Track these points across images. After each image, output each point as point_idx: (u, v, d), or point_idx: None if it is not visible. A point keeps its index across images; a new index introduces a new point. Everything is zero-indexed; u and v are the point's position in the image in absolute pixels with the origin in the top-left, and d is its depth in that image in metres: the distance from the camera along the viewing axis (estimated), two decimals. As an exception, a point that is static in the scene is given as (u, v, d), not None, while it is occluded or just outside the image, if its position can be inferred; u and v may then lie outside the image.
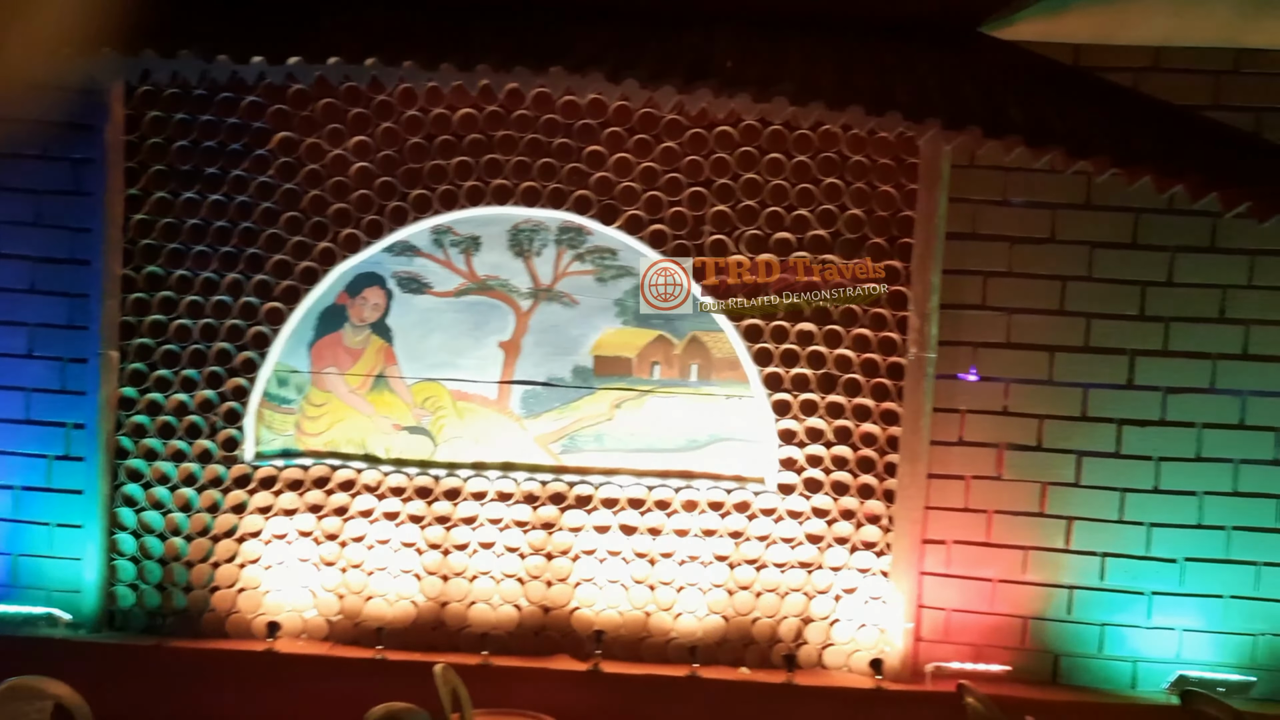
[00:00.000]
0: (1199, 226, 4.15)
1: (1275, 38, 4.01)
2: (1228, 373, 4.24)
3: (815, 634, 4.28)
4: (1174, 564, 4.26)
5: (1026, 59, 3.78)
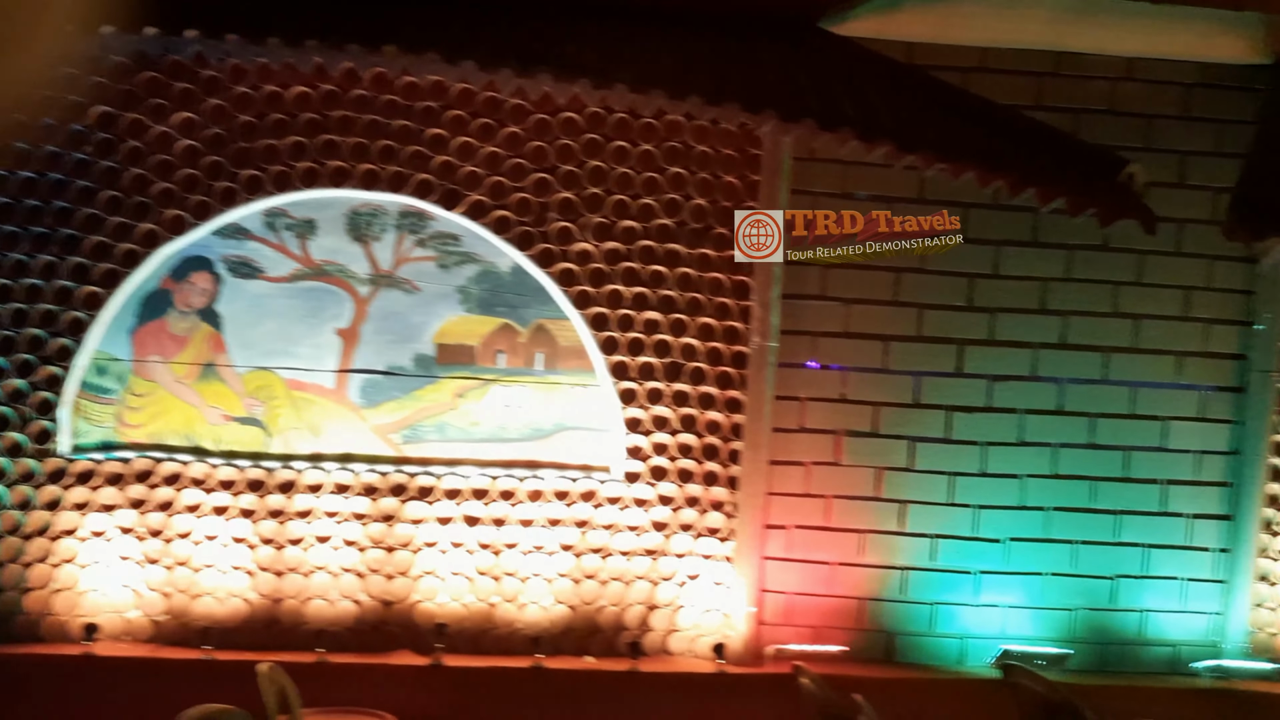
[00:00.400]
0: (1022, 222, 4.35)
1: (1091, 42, 4.23)
2: (1047, 361, 4.46)
3: (660, 621, 4.31)
4: (999, 544, 4.46)
5: (862, 55, 3.88)
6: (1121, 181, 3.32)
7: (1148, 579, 4.50)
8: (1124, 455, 4.51)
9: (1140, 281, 4.47)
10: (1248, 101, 4.33)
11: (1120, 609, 4.50)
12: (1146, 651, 4.51)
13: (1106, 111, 4.38)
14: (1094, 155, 3.51)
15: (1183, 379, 4.52)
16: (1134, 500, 4.50)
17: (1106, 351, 4.49)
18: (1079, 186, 3.32)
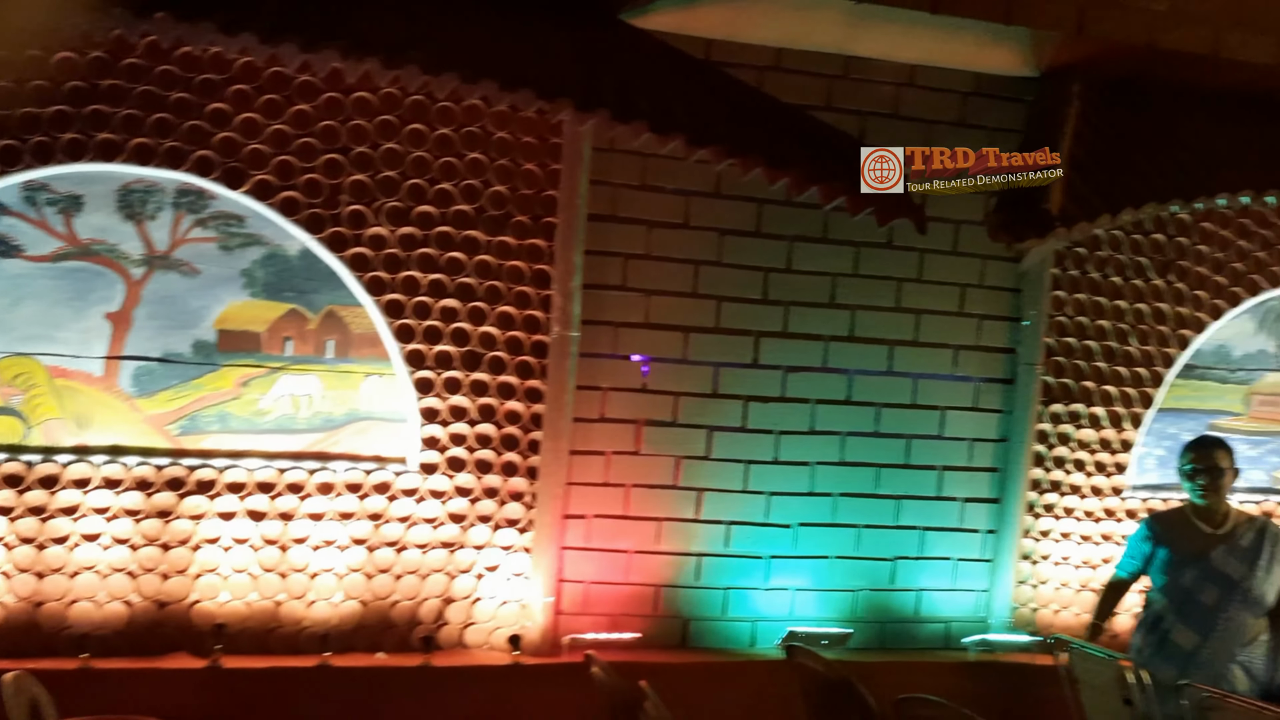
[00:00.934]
0: (813, 218, 4.49)
1: (878, 48, 4.42)
2: (837, 353, 4.64)
3: (457, 614, 4.25)
4: (789, 529, 4.62)
5: (659, 49, 3.91)
6: (897, 183, 3.48)
7: (924, 560, 4.76)
8: (906, 443, 4.75)
9: (921, 279, 4.71)
10: (1018, 111, 4.62)
11: (899, 589, 4.75)
12: (922, 628, 4.78)
13: (891, 115, 4.58)
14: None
15: (959, 371, 4.79)
16: (913, 485, 4.75)
17: (891, 344, 4.71)
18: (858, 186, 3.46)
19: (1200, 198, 4.05)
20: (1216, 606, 3.91)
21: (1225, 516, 4.03)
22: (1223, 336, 5.06)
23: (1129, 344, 4.94)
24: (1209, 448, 4.07)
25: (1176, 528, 4.08)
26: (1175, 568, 4.00)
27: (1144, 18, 4.12)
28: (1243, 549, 3.95)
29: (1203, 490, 4.00)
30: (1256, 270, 5.05)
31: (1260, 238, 5.04)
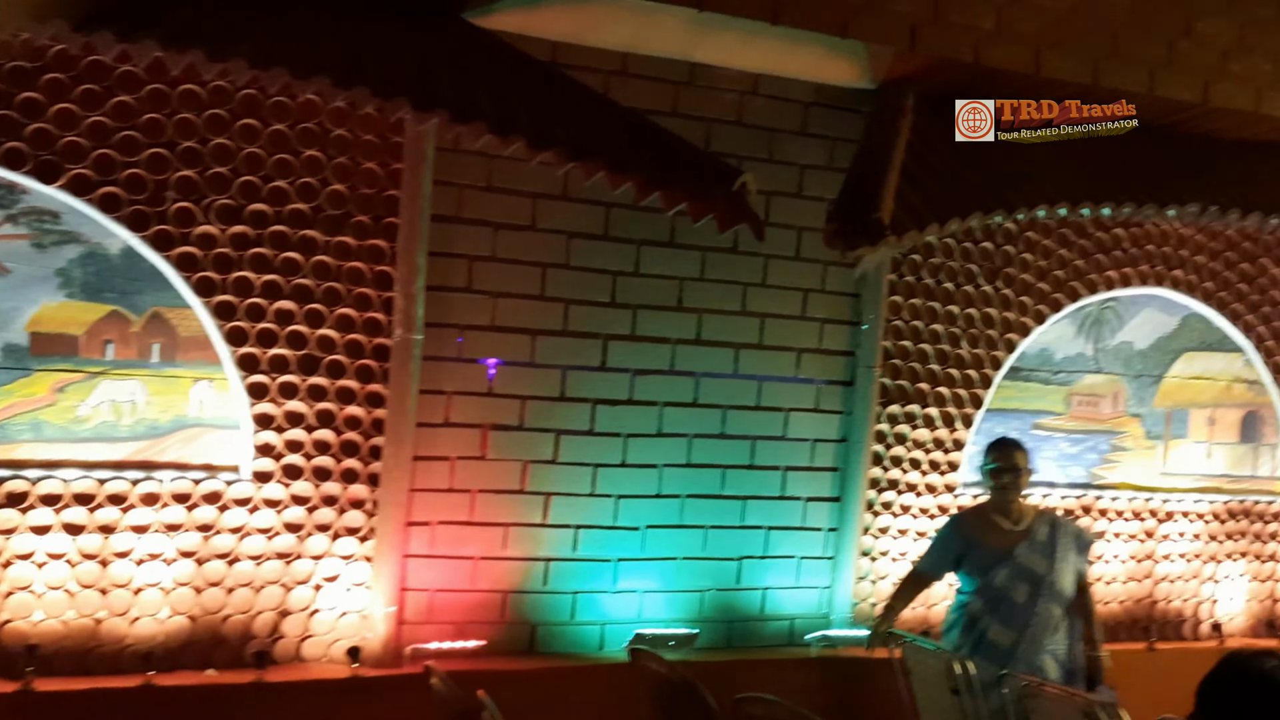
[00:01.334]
0: (661, 223, 4.52)
1: (722, 56, 4.48)
2: (684, 356, 4.69)
3: (293, 627, 4.11)
4: (637, 531, 4.64)
5: (503, 49, 3.87)
6: (736, 190, 3.54)
7: (768, 559, 4.86)
8: (751, 444, 4.83)
9: (765, 283, 4.80)
10: (858, 122, 4.76)
11: (744, 588, 4.83)
12: (767, 626, 4.88)
13: (735, 123, 4.66)
14: (713, 164, 3.71)
15: (801, 373, 4.91)
16: (758, 486, 4.84)
17: (737, 347, 4.79)
18: (698, 192, 3.50)
19: (1021, 209, 4.25)
20: (1028, 602, 4.11)
21: (1022, 513, 4.27)
22: (1045, 340, 5.34)
23: (960, 347, 5.16)
24: (1010, 448, 4.30)
25: (981, 526, 4.28)
26: (985, 568, 4.18)
27: (971, 35, 4.30)
28: (1041, 544, 4.19)
29: (1004, 489, 4.23)
30: (1076, 278, 5.34)
31: (1079, 247, 5.34)
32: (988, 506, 4.34)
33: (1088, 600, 4.31)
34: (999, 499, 4.27)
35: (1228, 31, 4.68)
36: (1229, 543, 5.76)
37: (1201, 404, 5.68)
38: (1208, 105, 4.70)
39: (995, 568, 4.15)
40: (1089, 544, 4.38)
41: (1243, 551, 5.78)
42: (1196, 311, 5.62)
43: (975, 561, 4.21)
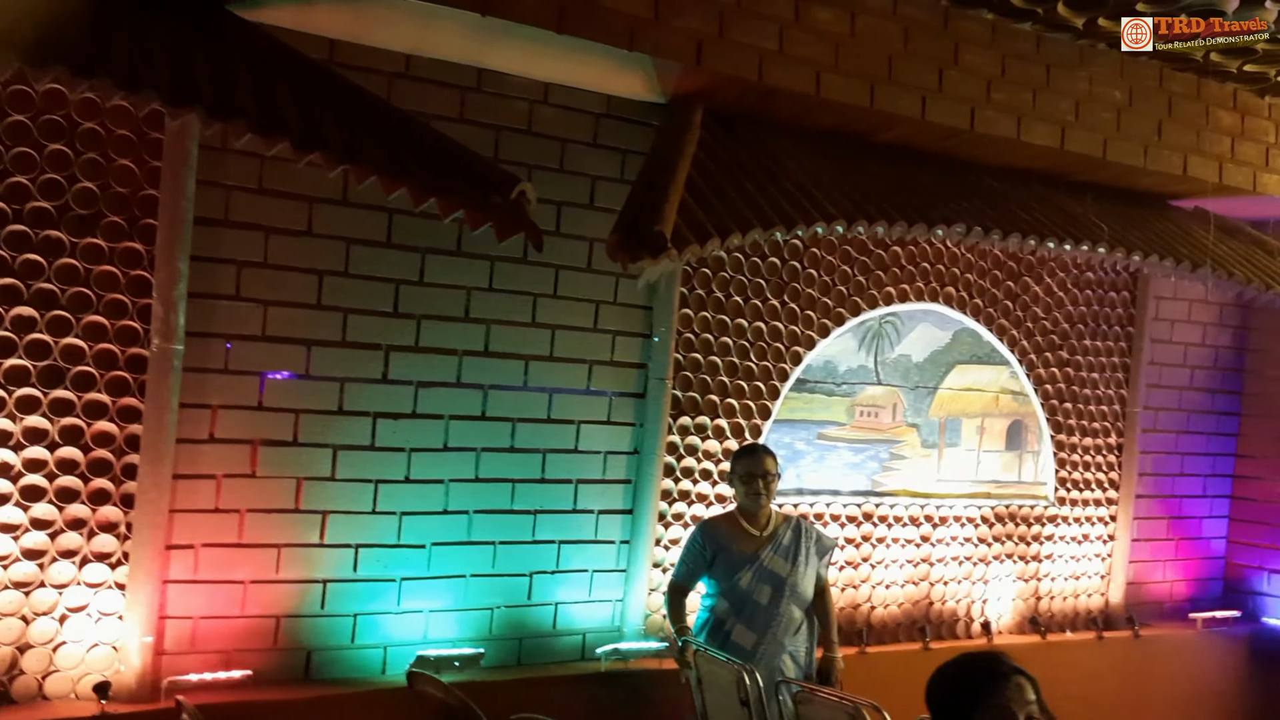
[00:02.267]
0: (447, 230, 4.41)
1: (510, 63, 4.41)
2: (472, 368, 4.58)
3: (35, 662, 3.76)
4: (423, 549, 4.49)
5: (271, 45, 3.66)
6: (514, 199, 3.46)
7: (560, 573, 4.80)
8: (541, 457, 4.76)
9: (556, 294, 4.75)
10: (647, 135, 4.78)
11: (536, 604, 4.75)
12: (559, 641, 4.81)
13: (525, 131, 4.60)
14: (492, 171, 3.62)
15: (594, 386, 4.87)
16: (549, 500, 4.77)
17: (527, 359, 4.71)
18: (475, 200, 3.41)
19: (800, 225, 4.35)
20: (771, 604, 4.31)
21: (768, 518, 4.45)
22: (830, 353, 5.51)
23: (750, 360, 5.26)
24: (760, 455, 4.49)
25: (729, 532, 4.43)
26: (732, 571, 4.33)
27: (754, 55, 4.38)
28: (785, 547, 4.40)
29: (756, 495, 4.39)
30: (858, 293, 5.54)
31: (861, 264, 5.55)
32: (735, 513, 4.50)
33: (827, 603, 4.53)
34: (748, 505, 4.42)
35: (991, 63, 4.96)
36: (997, 545, 6.09)
37: (972, 414, 6.00)
38: (974, 131, 4.96)
39: (741, 571, 4.30)
40: (829, 549, 4.59)
41: (1009, 553, 6.13)
42: (967, 326, 5.93)
43: (723, 565, 4.35)
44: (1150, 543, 6.70)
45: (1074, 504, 6.35)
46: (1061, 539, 6.31)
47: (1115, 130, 5.34)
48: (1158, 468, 6.69)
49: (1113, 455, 6.49)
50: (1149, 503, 6.66)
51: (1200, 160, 5.60)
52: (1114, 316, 6.47)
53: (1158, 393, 6.64)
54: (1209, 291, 6.54)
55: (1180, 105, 5.54)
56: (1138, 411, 6.52)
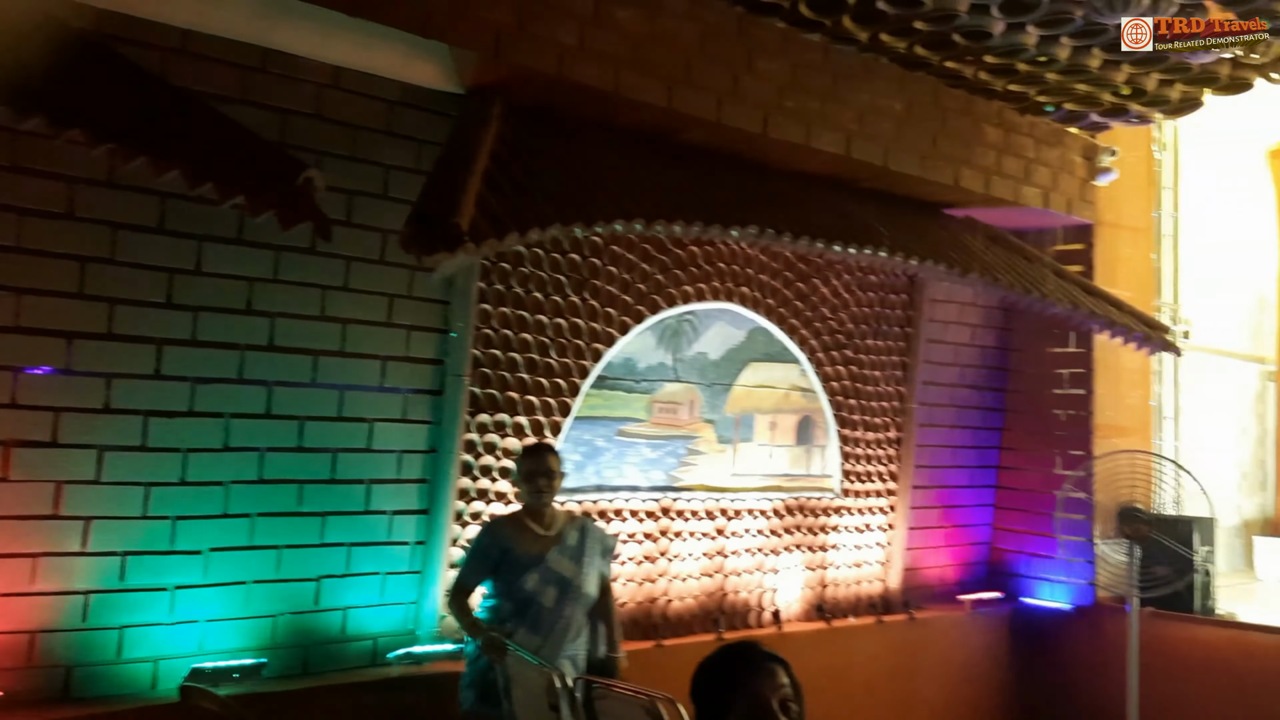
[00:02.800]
0: (228, 217, 4.16)
1: (299, 44, 4.21)
2: (255, 363, 4.34)
3: None
4: (199, 556, 4.23)
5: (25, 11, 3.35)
6: (300, 185, 3.30)
7: (350, 577, 4.63)
8: (332, 457, 4.58)
9: (348, 287, 4.57)
10: (444, 125, 4.66)
11: (324, 609, 4.56)
12: (349, 648, 4.63)
13: (315, 116, 4.40)
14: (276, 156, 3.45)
15: (387, 383, 4.73)
16: (339, 501, 4.60)
17: (316, 354, 4.51)
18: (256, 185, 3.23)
19: (599, 222, 4.37)
20: (555, 606, 4.17)
21: (554, 518, 4.32)
22: (629, 350, 5.56)
23: (550, 356, 5.23)
24: (544, 454, 4.34)
25: (514, 532, 4.25)
26: (517, 573, 4.18)
27: (554, 49, 4.37)
28: (571, 548, 4.28)
29: (538, 493, 4.25)
30: (657, 291, 5.62)
31: (659, 262, 5.63)
32: (521, 513, 4.33)
33: (609, 602, 4.43)
34: (532, 504, 4.28)
35: (783, 71, 5.14)
36: (787, 536, 6.32)
37: (765, 410, 6.19)
38: (767, 136, 5.12)
39: (527, 573, 4.15)
40: (611, 549, 4.50)
41: (798, 544, 6.37)
42: (761, 325, 6.12)
43: (508, 567, 4.17)
44: (925, 530, 7.12)
45: (857, 495, 6.67)
46: (846, 529, 6.62)
47: (895, 141, 5.64)
48: (932, 460, 7.11)
49: (892, 449, 6.86)
50: (924, 493, 7.07)
51: (970, 172, 6.00)
52: (894, 317, 6.83)
53: (932, 389, 7.06)
54: (977, 295, 7.01)
55: (952, 120, 5.91)
56: (914, 407, 6.91)
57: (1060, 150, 6.55)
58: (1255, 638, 6.25)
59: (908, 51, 5.37)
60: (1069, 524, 6.64)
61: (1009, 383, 7.51)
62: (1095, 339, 6.92)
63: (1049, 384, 7.26)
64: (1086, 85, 5.74)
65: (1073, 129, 6.51)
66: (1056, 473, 7.06)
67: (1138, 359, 7.22)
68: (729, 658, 2.32)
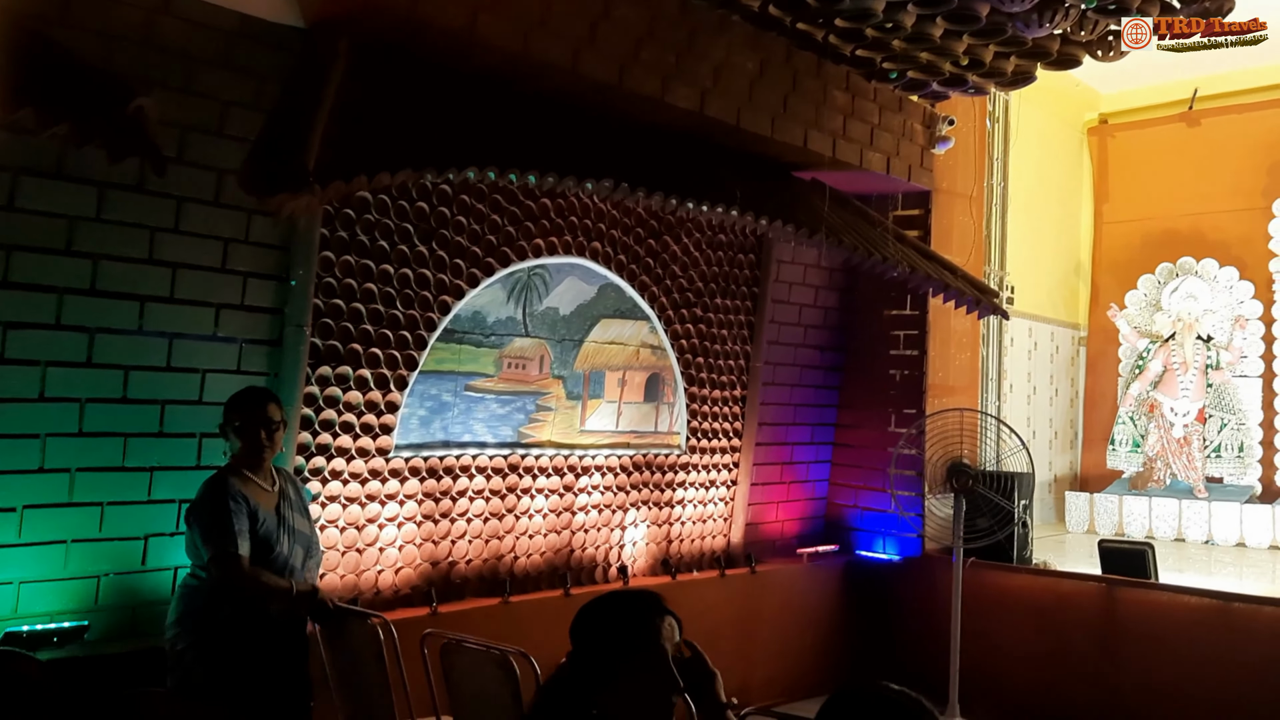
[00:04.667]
0: (44, 150, 3.83)
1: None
2: (75, 309, 4.03)
3: None
4: (13, 513, 3.93)
5: None
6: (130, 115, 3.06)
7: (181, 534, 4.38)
8: (160, 409, 4.32)
9: (179, 229, 4.29)
10: (284, 61, 4.40)
11: (151, 569, 4.32)
12: (179, 609, 4.41)
13: (143, 43, 4.08)
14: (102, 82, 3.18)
15: (221, 332, 4.48)
16: (168, 456, 4.34)
17: (143, 300, 4.22)
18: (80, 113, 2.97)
19: (451, 169, 4.24)
20: (302, 566, 3.86)
21: (271, 472, 3.91)
22: (479, 303, 5.45)
23: (395, 308, 5.07)
24: (266, 401, 3.91)
25: (249, 490, 3.78)
26: (267, 535, 3.75)
27: (406, -15, 4.18)
28: (295, 502, 3.95)
29: (263, 447, 3.83)
30: (507, 244, 5.52)
31: (510, 214, 5.52)
32: (241, 467, 3.81)
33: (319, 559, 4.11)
34: (256, 458, 3.82)
35: (641, 21, 5.09)
36: (634, 492, 6.37)
37: (614, 366, 6.20)
38: (623, 88, 5.07)
39: (275, 533, 3.76)
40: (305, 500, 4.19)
41: (645, 500, 6.43)
42: (612, 281, 6.10)
43: (252, 528, 3.70)
44: (766, 486, 7.31)
45: (703, 452, 6.78)
46: (691, 485, 6.72)
47: (748, 100, 5.69)
48: (775, 418, 7.29)
49: (737, 407, 6.99)
50: (766, 450, 7.25)
51: (818, 135, 6.12)
52: (742, 277, 6.94)
53: (776, 349, 7.23)
54: (822, 257, 7.20)
55: (803, 82, 6.01)
56: (759, 366, 7.05)
57: (902, 117, 6.76)
58: (1065, 584, 6.71)
59: (761, 10, 5.40)
60: (902, 479, 6.94)
61: (848, 343, 7.76)
62: (930, 302, 7.21)
63: (886, 345, 7.54)
64: (929, 54, 5.92)
65: (914, 97, 6.72)
66: (891, 430, 7.36)
67: (967, 322, 7.57)
68: (630, 603, 2.27)
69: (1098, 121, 10.02)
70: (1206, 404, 8.83)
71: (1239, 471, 8.75)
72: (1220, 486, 8.77)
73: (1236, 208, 9.04)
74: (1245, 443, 8.77)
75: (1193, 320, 8.91)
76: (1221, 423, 8.80)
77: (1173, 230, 9.39)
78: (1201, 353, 8.86)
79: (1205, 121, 9.26)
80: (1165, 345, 9.02)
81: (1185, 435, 8.78)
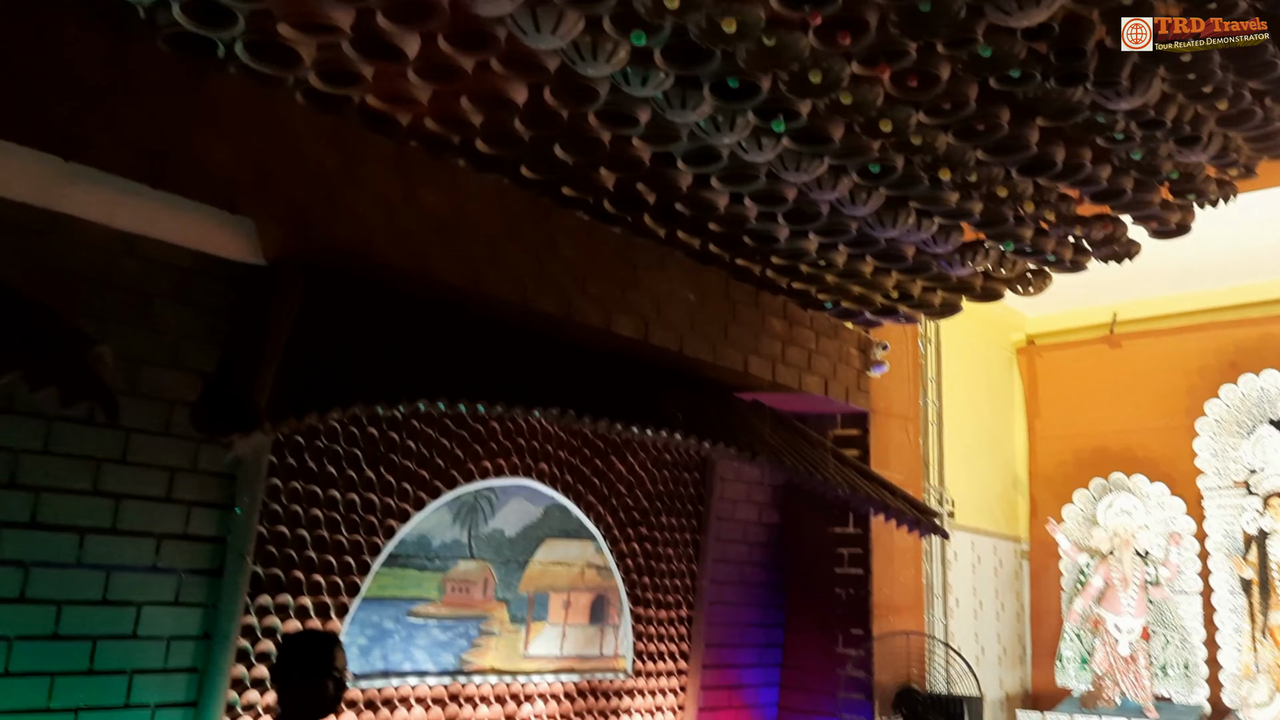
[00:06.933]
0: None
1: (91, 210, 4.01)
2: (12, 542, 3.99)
3: None
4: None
5: None
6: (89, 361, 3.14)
7: (102, 781, 4.18)
8: (91, 645, 4.19)
9: (125, 460, 4.30)
10: (242, 295, 4.55)
11: (68, 819, 4.08)
12: None
13: (105, 283, 4.22)
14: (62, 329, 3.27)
15: (161, 562, 4.41)
16: (96, 695, 4.18)
17: (83, 532, 4.18)
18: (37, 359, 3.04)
19: (403, 401, 4.34)
20: None
21: None
22: (424, 527, 5.45)
23: (340, 533, 5.05)
24: None
25: None
26: None
27: (363, 228, 4.41)
28: None
29: None
30: (455, 466, 5.57)
31: (458, 437, 5.60)
32: None
33: None
34: None
35: (585, 258, 5.37)
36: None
37: (559, 588, 6.15)
38: (570, 319, 5.29)
39: None
40: None
41: (590, 727, 6.25)
42: (558, 501, 6.15)
43: None
44: (713, 711, 7.14)
45: (649, 675, 6.65)
46: (637, 711, 6.55)
47: (689, 328, 5.95)
48: (722, 639, 7.21)
49: (684, 626, 6.92)
50: (713, 673, 7.12)
51: (758, 360, 6.37)
52: (686, 495, 7.02)
53: (722, 567, 7.23)
54: (764, 475, 7.32)
55: (742, 311, 6.31)
56: (706, 585, 7.03)
57: (838, 343, 7.07)
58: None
59: (701, 248, 5.73)
60: (850, 704, 6.83)
61: (794, 561, 7.78)
62: (872, 520, 7.32)
63: (830, 562, 7.56)
64: (861, 287, 6.27)
65: (849, 324, 7.05)
66: (839, 651, 7.29)
67: (910, 539, 7.66)
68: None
69: (1025, 342, 10.50)
70: (1149, 621, 8.88)
71: (1186, 690, 8.72)
72: (1170, 706, 8.72)
73: (1161, 426, 9.38)
74: (1190, 660, 8.78)
75: (1129, 536, 9.07)
76: (1165, 640, 8.84)
77: (1103, 447, 9.70)
78: (1140, 569, 8.98)
79: (1126, 344, 9.74)
80: (1105, 560, 9.15)
81: (1132, 653, 8.78)
